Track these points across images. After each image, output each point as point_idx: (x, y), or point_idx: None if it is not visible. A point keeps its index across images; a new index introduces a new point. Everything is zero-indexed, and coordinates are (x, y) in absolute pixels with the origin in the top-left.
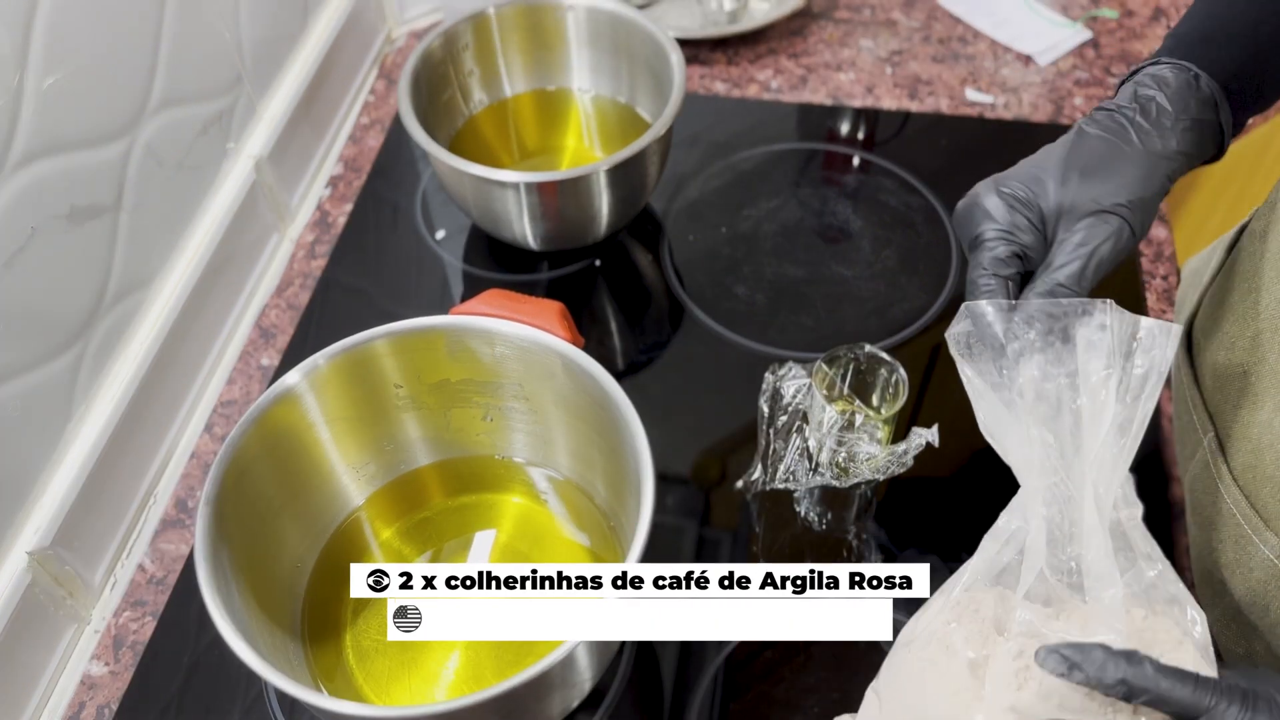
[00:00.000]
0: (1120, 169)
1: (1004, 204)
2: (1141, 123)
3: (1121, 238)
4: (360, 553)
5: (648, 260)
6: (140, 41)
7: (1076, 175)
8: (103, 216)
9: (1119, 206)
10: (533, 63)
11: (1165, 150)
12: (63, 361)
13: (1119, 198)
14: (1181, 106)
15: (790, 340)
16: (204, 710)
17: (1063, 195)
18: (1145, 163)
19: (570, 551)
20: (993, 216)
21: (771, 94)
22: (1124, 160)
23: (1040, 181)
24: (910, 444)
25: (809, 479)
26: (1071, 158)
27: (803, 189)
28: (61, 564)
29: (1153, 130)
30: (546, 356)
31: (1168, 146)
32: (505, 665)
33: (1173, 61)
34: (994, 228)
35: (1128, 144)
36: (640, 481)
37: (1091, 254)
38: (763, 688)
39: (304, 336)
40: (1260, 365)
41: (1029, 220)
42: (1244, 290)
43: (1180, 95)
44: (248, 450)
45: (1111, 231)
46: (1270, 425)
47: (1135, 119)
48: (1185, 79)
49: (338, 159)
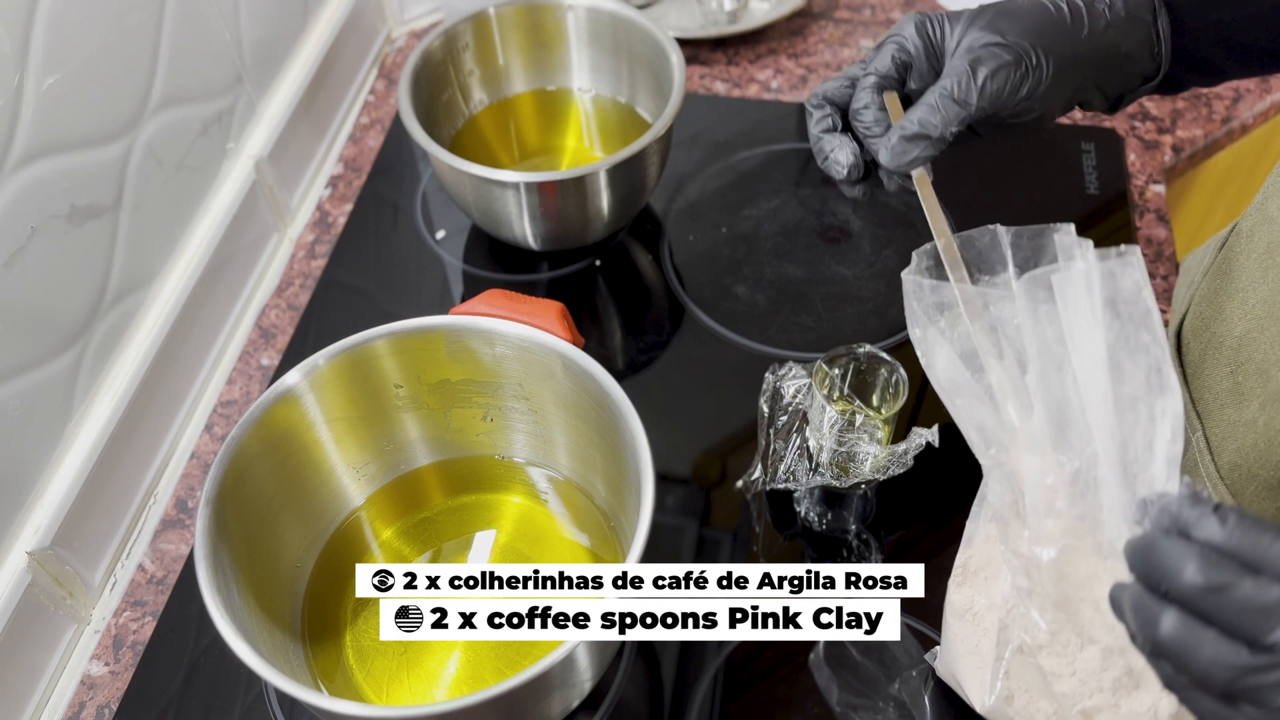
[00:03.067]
0: (1034, 19)
1: (916, 22)
2: (1076, 1)
3: (1016, 73)
4: (360, 553)
5: (648, 260)
6: (140, 41)
7: (991, 13)
8: (103, 216)
9: (1018, 44)
10: (533, 63)
11: (1092, 27)
12: (63, 361)
13: (1023, 38)
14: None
15: (790, 340)
16: (204, 710)
17: (969, 26)
18: (1064, 26)
19: (570, 551)
20: (899, 31)
21: (771, 94)
22: (1041, 15)
23: (957, 17)
24: (910, 444)
25: (809, 479)
26: (995, 4)
27: (803, 189)
28: (61, 564)
29: (1081, 6)
30: (546, 356)
31: (1095, 24)
32: (505, 665)
33: None
34: (895, 37)
35: (1054, 6)
36: (640, 481)
37: (977, 66)
38: (763, 688)
39: (304, 336)
40: (1247, 365)
41: (928, 42)
42: (1233, 290)
43: None
44: (248, 450)
45: (1005, 62)
46: (1255, 424)
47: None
48: None
49: (338, 159)
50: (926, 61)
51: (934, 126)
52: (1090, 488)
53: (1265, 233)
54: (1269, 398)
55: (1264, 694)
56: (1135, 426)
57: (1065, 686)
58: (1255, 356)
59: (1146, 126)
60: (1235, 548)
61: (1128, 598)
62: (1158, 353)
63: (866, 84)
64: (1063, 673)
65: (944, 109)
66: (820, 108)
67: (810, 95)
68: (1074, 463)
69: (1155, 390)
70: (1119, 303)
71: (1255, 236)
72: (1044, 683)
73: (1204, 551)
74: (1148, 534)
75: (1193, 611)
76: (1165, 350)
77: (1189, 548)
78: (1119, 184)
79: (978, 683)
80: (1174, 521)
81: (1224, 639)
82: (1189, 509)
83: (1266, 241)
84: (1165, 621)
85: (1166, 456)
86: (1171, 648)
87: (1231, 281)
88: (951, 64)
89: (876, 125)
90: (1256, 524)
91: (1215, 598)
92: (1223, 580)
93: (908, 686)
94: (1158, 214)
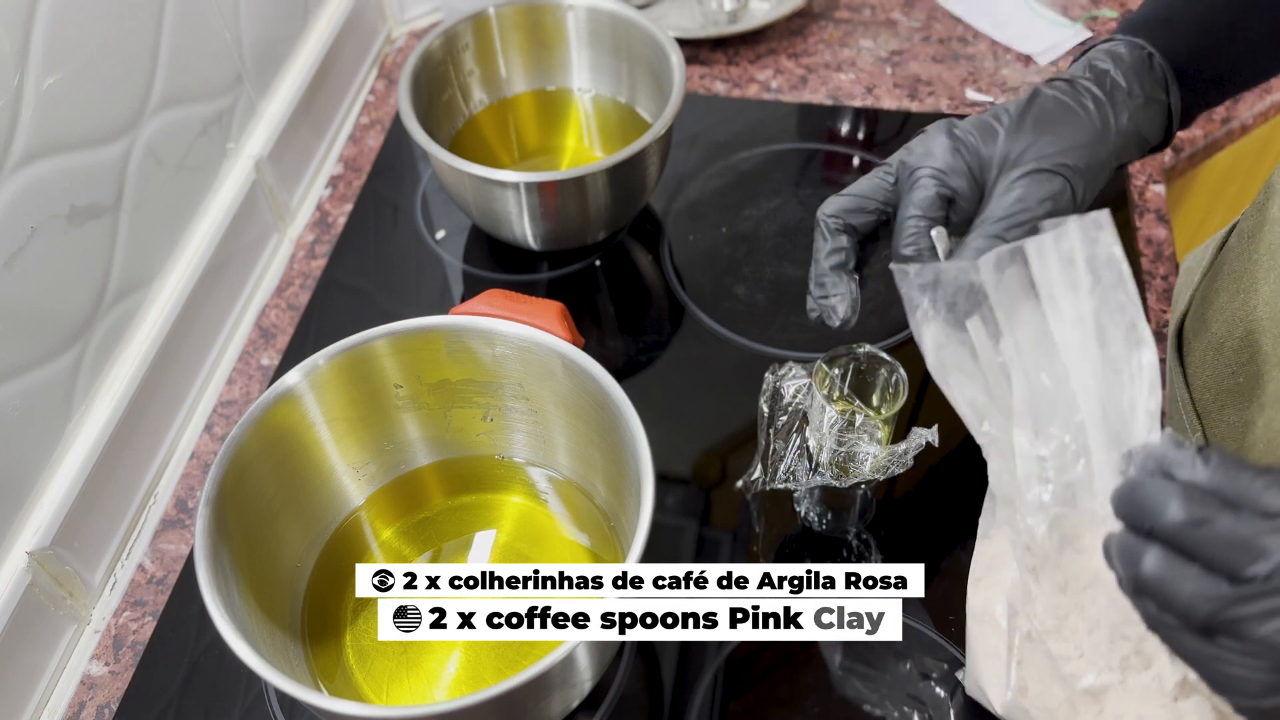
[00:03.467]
0: (1070, 131)
1: (950, 145)
2: (1097, 93)
3: (1062, 200)
4: (360, 553)
5: (648, 260)
6: (140, 41)
7: (1028, 127)
8: (103, 216)
9: (1063, 166)
10: (533, 63)
11: (1117, 123)
12: (63, 361)
13: (1065, 159)
14: (1135, 82)
15: (790, 340)
16: (204, 710)
17: (1010, 146)
18: (1095, 131)
19: (570, 551)
20: (934, 156)
21: (771, 94)
22: (1076, 124)
23: (991, 129)
24: (910, 444)
25: (809, 479)
26: (1025, 111)
27: (803, 189)
28: (61, 564)
29: (1106, 102)
30: (546, 356)
31: (1119, 120)
32: (505, 665)
33: (1127, 39)
34: (932, 168)
35: (1082, 109)
36: (640, 481)
37: (1029, 210)
38: (763, 688)
39: (304, 336)
40: (1248, 366)
41: (967, 166)
42: (1233, 291)
43: (1134, 71)
44: (248, 450)
45: (1053, 191)
46: (1255, 425)
47: (1091, 89)
48: (1139, 56)
49: (338, 159)
50: (967, 186)
51: None
52: (1080, 455)
53: (1267, 234)
54: (1270, 398)
55: (1243, 626)
56: (1120, 389)
57: (1073, 668)
58: (1256, 358)
59: None
60: (1217, 485)
61: (1114, 542)
62: (1132, 310)
63: (914, 226)
64: (1070, 655)
65: (991, 248)
66: (837, 235)
67: (825, 210)
68: (1063, 434)
69: (1133, 346)
70: (1097, 266)
71: (1255, 237)
72: (1054, 667)
73: (1186, 489)
74: (1132, 478)
75: (1175, 548)
76: (1138, 306)
77: (1171, 486)
78: (1119, 184)
79: (998, 683)
80: (1158, 464)
81: (1205, 574)
82: (1173, 452)
83: (1268, 242)
84: (1148, 559)
85: (1145, 410)
86: (1154, 584)
87: (1231, 282)
88: (999, 203)
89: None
90: (1238, 463)
91: (1196, 532)
92: (1203, 515)
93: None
94: (1158, 214)
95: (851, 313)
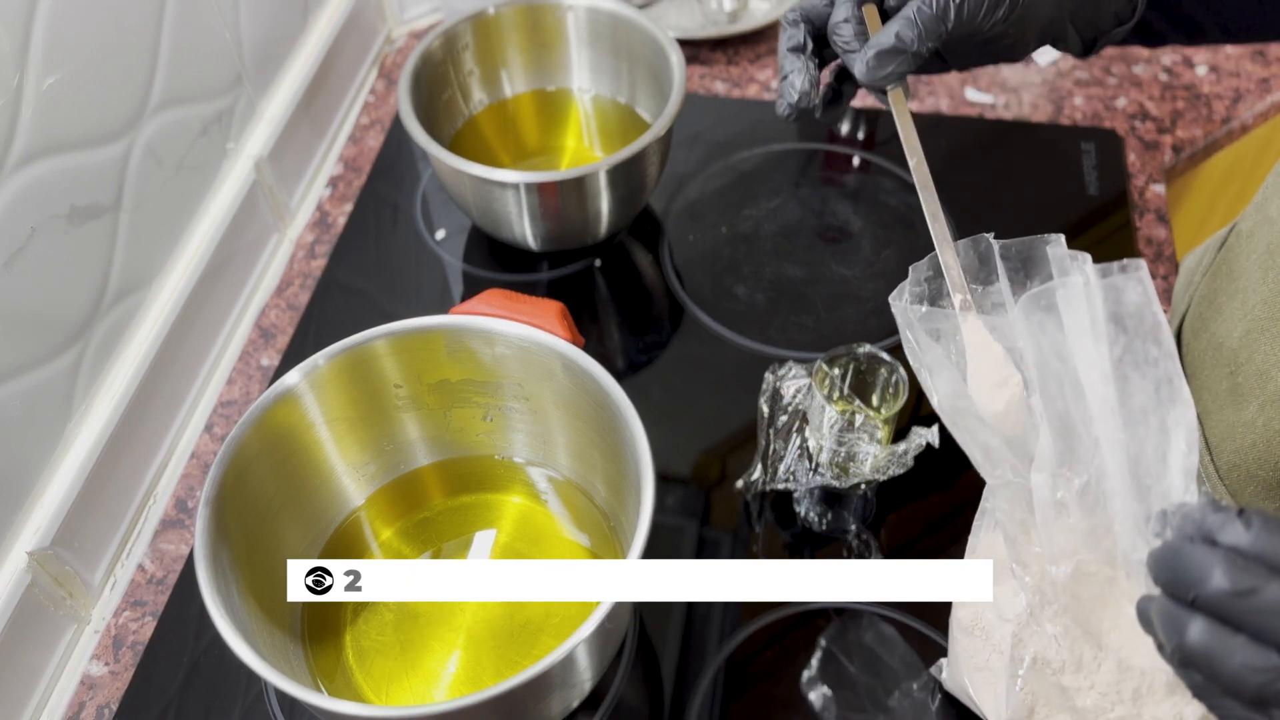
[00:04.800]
0: None
1: None
2: None
3: None
4: (360, 553)
5: (648, 260)
6: (140, 41)
7: None
8: (103, 216)
9: None
10: (533, 63)
11: None
12: (63, 361)
13: None
14: None
15: (790, 340)
16: (204, 710)
17: None
18: None
19: (570, 551)
20: None
21: (771, 94)
22: None
23: None
24: (910, 444)
25: (809, 479)
26: None
27: (803, 189)
28: (61, 564)
29: None
30: (546, 356)
31: None
32: (505, 665)
33: None
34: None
35: None
36: (640, 481)
37: None
38: (763, 688)
39: (304, 336)
40: (1246, 365)
41: None
42: (1231, 290)
43: None
44: (248, 450)
45: None
46: (1254, 425)
47: None
48: None
49: (338, 159)
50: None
51: (911, 41)
52: (1099, 500)
53: (1264, 233)
54: (1268, 399)
55: None
56: (1145, 439)
57: (1087, 700)
58: (1255, 358)
59: (1146, 126)
60: (1261, 551)
61: (1155, 609)
62: (1167, 365)
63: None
64: (1082, 687)
65: (921, 23)
66: (795, 25)
67: (787, 10)
68: (1082, 477)
69: (1166, 402)
70: (1124, 316)
71: (1254, 237)
72: (1064, 697)
73: (1229, 556)
74: (1170, 542)
75: (1220, 618)
76: (1175, 362)
77: (1214, 553)
78: (1119, 184)
79: (992, 698)
80: (1197, 528)
81: (1253, 644)
82: (1211, 515)
83: (1266, 242)
84: (1193, 630)
85: (1183, 469)
86: (1200, 656)
87: (1231, 282)
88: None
89: (855, 40)
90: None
91: (1243, 602)
92: (1250, 584)
93: (912, 700)
94: (1158, 214)
95: (809, 87)
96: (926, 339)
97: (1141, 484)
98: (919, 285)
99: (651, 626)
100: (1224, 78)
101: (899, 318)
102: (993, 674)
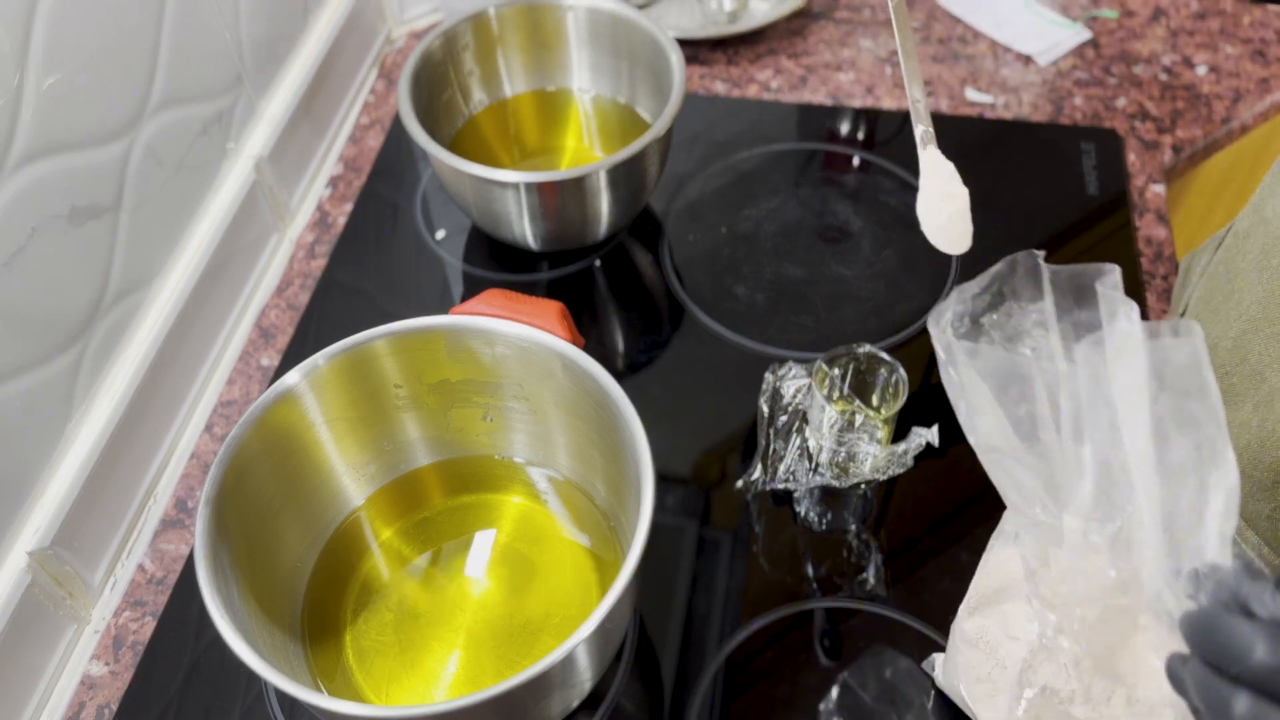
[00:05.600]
0: None
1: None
2: None
3: None
4: (360, 553)
5: (648, 260)
6: (140, 41)
7: None
8: (103, 216)
9: None
10: (533, 63)
11: None
12: (63, 361)
13: None
14: None
15: (790, 340)
16: (204, 710)
17: None
18: None
19: (570, 551)
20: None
21: (771, 94)
22: None
23: None
24: (910, 444)
25: (809, 479)
26: None
27: (803, 189)
28: (61, 564)
29: None
30: (546, 356)
31: None
32: (505, 665)
33: None
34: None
35: None
36: (640, 481)
37: None
38: (763, 688)
39: (304, 336)
40: (1242, 365)
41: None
42: (1227, 291)
43: None
44: (248, 450)
45: None
46: (1249, 425)
47: None
48: None
49: (338, 159)
50: None
51: None
52: (1129, 547)
53: (1260, 233)
54: (1263, 399)
55: None
56: (1181, 495)
57: None
58: (1250, 358)
59: (1146, 126)
60: None
61: (1192, 676)
62: (1211, 428)
63: None
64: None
65: None
66: None
67: None
68: (1115, 522)
69: (1208, 463)
70: (1167, 374)
71: (1251, 237)
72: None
73: (1272, 631)
74: (1206, 609)
75: (1265, 692)
76: (1221, 426)
77: (1256, 627)
78: (1119, 184)
79: (991, 710)
80: (1233, 596)
81: None
82: (1248, 583)
83: (1262, 242)
84: (1239, 706)
85: (1219, 531)
86: None
87: (1227, 282)
88: None
89: None
90: None
91: None
92: None
93: (911, 700)
94: (1157, 214)
95: None
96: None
97: (1175, 538)
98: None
99: (651, 626)
100: (1224, 78)
101: (938, 345)
102: (994, 687)
